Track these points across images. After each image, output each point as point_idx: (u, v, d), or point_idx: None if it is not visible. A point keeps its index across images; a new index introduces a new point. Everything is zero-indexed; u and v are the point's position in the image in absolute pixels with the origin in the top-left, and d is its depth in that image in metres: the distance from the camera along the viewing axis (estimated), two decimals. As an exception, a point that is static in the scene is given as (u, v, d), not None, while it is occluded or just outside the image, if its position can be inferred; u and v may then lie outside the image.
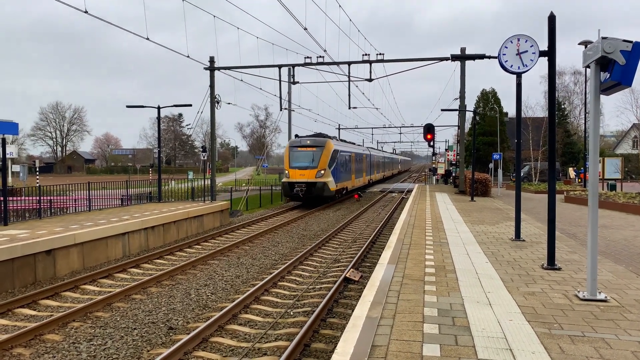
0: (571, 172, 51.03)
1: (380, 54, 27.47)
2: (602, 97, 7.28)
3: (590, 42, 22.97)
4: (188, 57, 21.44)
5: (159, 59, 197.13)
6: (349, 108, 30.44)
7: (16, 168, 37.55)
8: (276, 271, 11.97)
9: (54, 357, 7.26)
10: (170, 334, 8.34)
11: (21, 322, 8.92)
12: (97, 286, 11.47)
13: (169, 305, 9.75)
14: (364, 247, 14.87)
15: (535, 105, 74.26)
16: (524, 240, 12.24)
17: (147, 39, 17.38)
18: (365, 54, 27.30)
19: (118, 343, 7.86)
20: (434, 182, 50.71)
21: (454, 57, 26.49)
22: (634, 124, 58.77)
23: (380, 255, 11.16)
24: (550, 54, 9.46)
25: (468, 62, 28.34)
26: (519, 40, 9.92)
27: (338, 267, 13.16)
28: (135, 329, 8.48)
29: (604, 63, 6.75)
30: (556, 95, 10.34)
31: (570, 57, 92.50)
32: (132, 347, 7.72)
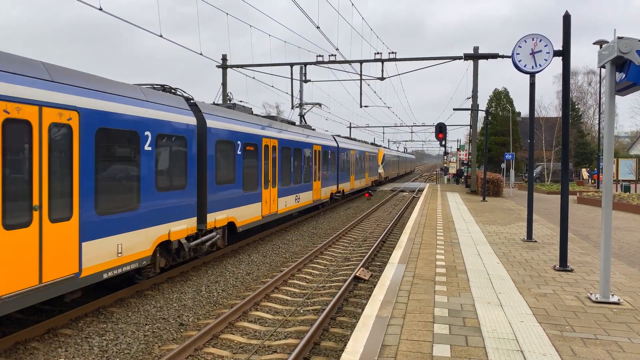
0: (584, 172, 50.52)
1: (392, 52, 27.39)
2: (617, 98, 7.21)
3: (606, 42, 22.68)
4: (201, 54, 21.55)
5: (175, 60, 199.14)
6: (361, 107, 30.40)
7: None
8: (287, 269, 12.00)
9: (67, 351, 7.34)
10: (181, 330, 8.40)
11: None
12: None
13: (180, 302, 9.82)
14: (374, 246, 14.85)
15: (549, 105, 73.34)
16: (535, 241, 12.16)
17: (161, 36, 17.48)
18: (378, 53, 27.24)
19: (129, 338, 7.93)
20: (445, 182, 50.50)
21: (466, 56, 26.36)
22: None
23: (390, 255, 11.15)
24: (564, 53, 9.38)
25: (480, 63, 28.19)
26: (533, 39, 9.85)
27: (348, 265, 13.16)
28: (146, 324, 8.55)
29: (619, 63, 6.69)
30: (570, 95, 10.25)
31: (581, 58, 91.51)
32: (144, 343, 7.79)
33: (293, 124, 21.21)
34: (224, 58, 30.32)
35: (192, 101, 12.30)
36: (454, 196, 27.88)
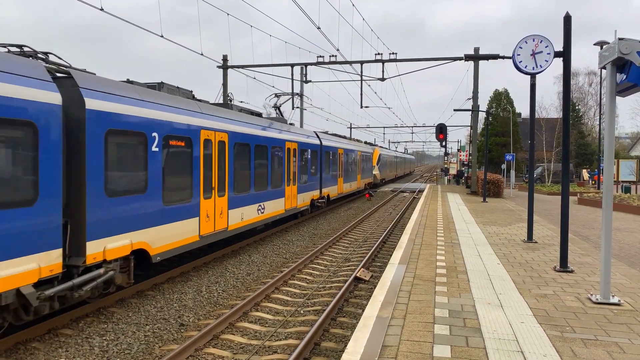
0: (585, 173, 50.54)
1: (393, 53, 27.41)
2: (618, 99, 7.21)
3: (606, 43, 22.68)
4: (202, 54, 21.57)
5: (177, 60, 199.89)
6: (361, 107, 30.43)
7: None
8: (287, 269, 12.00)
9: (67, 351, 7.35)
10: (182, 331, 8.41)
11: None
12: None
13: (181, 302, 9.82)
14: (374, 247, 14.85)
15: (549, 106, 73.16)
16: (536, 242, 12.17)
17: (162, 36, 17.50)
18: (378, 54, 27.27)
19: (130, 338, 7.93)
20: (446, 183, 50.52)
21: (467, 57, 26.34)
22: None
23: (391, 255, 11.16)
24: (565, 54, 9.39)
25: (480, 64, 28.22)
26: (534, 40, 9.86)
27: (348, 266, 13.16)
28: (147, 324, 8.56)
29: (620, 64, 6.69)
30: (571, 96, 10.26)
31: (582, 59, 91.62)
32: (144, 343, 7.80)
33: (259, 115, 17.25)
34: (225, 58, 30.35)
35: (64, 71, 8.46)
36: (455, 197, 27.88)
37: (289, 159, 18.57)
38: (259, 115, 17.28)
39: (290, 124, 21.81)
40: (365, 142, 45.64)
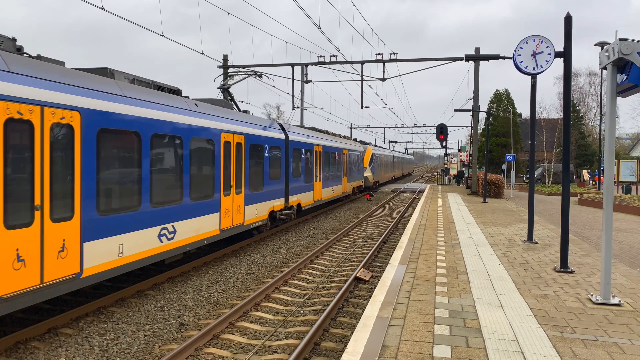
0: (585, 174, 50.52)
1: (393, 53, 27.42)
2: (619, 99, 7.22)
3: (607, 44, 22.73)
4: (202, 54, 21.59)
5: (178, 61, 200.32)
6: (362, 107, 30.44)
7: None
8: (287, 269, 12.00)
9: (67, 350, 7.35)
10: (182, 330, 8.41)
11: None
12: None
13: (181, 302, 9.82)
14: (374, 247, 14.85)
15: (550, 106, 73.18)
16: (536, 243, 12.17)
17: (163, 35, 17.51)
18: (379, 54, 27.28)
19: (130, 338, 7.93)
20: (446, 183, 50.53)
21: (468, 58, 26.35)
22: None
23: (391, 256, 11.16)
24: (566, 55, 9.39)
25: (481, 65, 28.24)
26: (534, 40, 9.86)
27: (349, 266, 13.16)
28: (147, 324, 8.56)
29: (620, 65, 6.69)
30: (571, 96, 10.26)
31: (582, 60, 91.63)
32: (144, 343, 7.80)
33: (177, 92, 12.03)
34: (225, 58, 30.37)
35: None
36: (455, 197, 27.88)
37: (228, 157, 13.30)
38: (177, 92, 12.05)
39: (245, 111, 16.99)
40: (355, 140, 42.51)
